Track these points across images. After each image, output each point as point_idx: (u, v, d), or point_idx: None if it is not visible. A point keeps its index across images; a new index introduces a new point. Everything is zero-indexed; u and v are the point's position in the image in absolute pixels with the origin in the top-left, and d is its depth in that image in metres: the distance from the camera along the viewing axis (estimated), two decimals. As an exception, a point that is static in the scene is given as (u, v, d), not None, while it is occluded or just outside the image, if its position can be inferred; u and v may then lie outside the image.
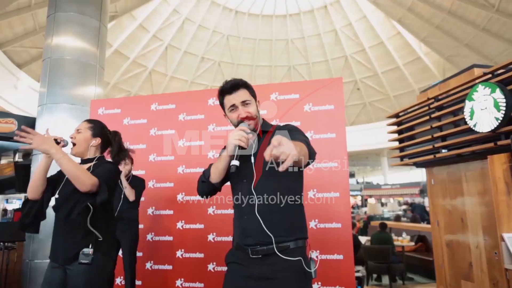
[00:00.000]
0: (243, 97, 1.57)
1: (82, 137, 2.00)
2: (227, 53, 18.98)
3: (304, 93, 3.53)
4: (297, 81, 3.90)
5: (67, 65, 4.66)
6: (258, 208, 1.49)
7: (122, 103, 4.13)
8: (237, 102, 1.56)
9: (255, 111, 1.59)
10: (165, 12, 16.76)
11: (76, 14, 4.72)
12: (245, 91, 1.59)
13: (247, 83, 1.64)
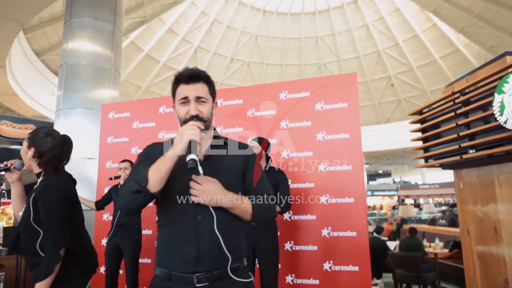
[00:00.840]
0: (200, 92, 1.34)
1: (22, 151, 1.92)
2: (256, 53, 18.87)
3: (315, 90, 3.29)
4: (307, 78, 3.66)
5: (82, 70, 4.69)
6: (218, 225, 1.29)
7: (131, 107, 4.08)
8: (191, 96, 1.33)
9: (209, 113, 1.36)
10: (193, 15, 16.91)
11: (90, 19, 4.75)
12: (204, 86, 1.36)
13: (209, 78, 1.41)
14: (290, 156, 3.28)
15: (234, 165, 1.40)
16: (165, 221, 1.35)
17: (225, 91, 3.70)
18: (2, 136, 4.57)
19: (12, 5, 6.44)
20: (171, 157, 1.24)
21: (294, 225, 3.23)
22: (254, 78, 19.44)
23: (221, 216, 1.30)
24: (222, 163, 1.39)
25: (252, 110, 3.47)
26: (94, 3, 4.76)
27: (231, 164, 1.40)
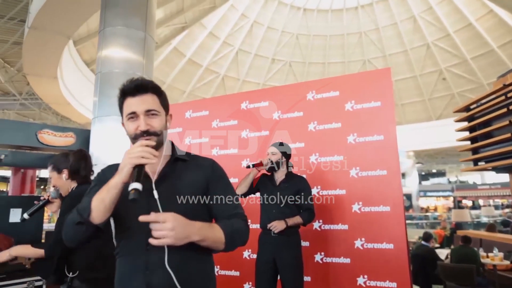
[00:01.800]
0: (149, 105, 1.20)
1: (54, 179, 2.06)
2: (297, 52, 18.60)
3: (344, 89, 3.03)
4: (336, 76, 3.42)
5: (115, 77, 4.77)
6: (169, 258, 1.10)
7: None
8: (139, 110, 1.19)
9: (161, 127, 1.21)
10: (233, 17, 16.99)
11: (122, 28, 4.82)
12: (153, 98, 1.22)
13: (159, 88, 1.27)
14: (319, 161, 3.05)
15: (195, 182, 1.26)
16: (118, 250, 1.23)
17: (250, 93, 3.55)
18: (44, 144, 4.78)
19: (57, 19, 6.80)
20: (115, 184, 1.09)
21: (324, 235, 2.99)
22: (296, 78, 19.16)
23: (175, 247, 1.08)
24: (181, 182, 1.24)
25: (279, 112, 3.28)
26: (125, 12, 4.83)
27: (191, 181, 1.25)
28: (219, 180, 1.31)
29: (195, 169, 1.29)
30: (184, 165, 1.29)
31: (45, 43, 7.61)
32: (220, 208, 1.27)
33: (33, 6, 7.02)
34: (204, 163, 1.33)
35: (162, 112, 1.24)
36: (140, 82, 1.23)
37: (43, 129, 4.85)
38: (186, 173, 1.27)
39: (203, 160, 1.35)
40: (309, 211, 2.61)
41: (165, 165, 1.27)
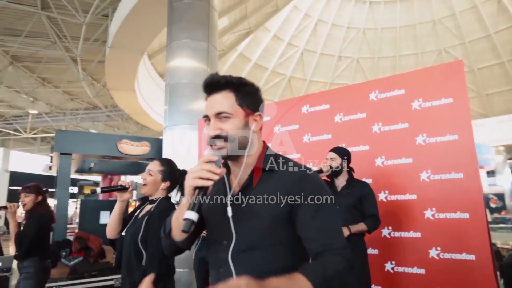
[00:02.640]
0: (219, 106, 1.04)
1: (152, 180, 2.05)
2: (365, 48, 17.86)
3: (410, 87, 2.83)
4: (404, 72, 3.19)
5: (183, 88, 5.03)
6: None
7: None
8: (210, 113, 1.05)
9: (236, 130, 1.03)
10: (296, 18, 16.90)
11: (187, 40, 5.07)
12: (227, 96, 1.05)
13: (236, 82, 1.06)
14: (385, 164, 2.89)
15: (275, 200, 1.03)
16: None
17: (310, 97, 3.49)
18: (123, 153, 5.21)
19: (131, 38, 7.40)
20: (182, 206, 1.02)
21: (395, 243, 2.82)
22: (365, 74, 18.41)
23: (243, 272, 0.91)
24: (260, 199, 1.04)
25: (340, 114, 3.18)
26: (189, 25, 5.06)
27: (271, 199, 1.03)
28: (309, 204, 1.01)
29: (278, 183, 1.04)
30: (269, 176, 1.06)
31: (123, 60, 8.31)
32: (307, 238, 1.00)
33: (111, 28, 7.72)
34: (289, 177, 1.05)
35: (237, 112, 1.05)
36: (210, 78, 1.09)
37: (122, 139, 5.30)
38: (268, 188, 1.05)
39: (291, 172, 1.06)
40: (373, 218, 2.48)
41: (248, 176, 1.08)
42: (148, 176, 2.05)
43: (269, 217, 1.02)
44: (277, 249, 1.02)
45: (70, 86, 13.98)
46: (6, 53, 11.02)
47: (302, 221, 1.00)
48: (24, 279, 3.01)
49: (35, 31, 9.61)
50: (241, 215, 1.04)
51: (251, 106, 1.08)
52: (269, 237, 1.02)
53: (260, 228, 1.02)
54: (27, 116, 16.78)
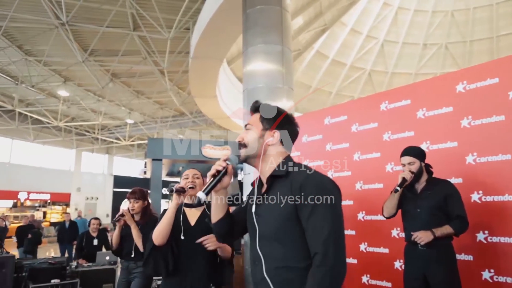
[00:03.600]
0: (248, 120, 1.45)
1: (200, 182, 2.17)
2: (454, 32, 16.30)
3: (506, 75, 2.54)
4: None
5: (260, 92, 5.16)
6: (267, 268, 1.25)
7: (301, 122, 4.19)
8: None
9: (251, 140, 1.37)
10: (374, 8, 16.11)
11: (261, 45, 5.20)
12: (256, 115, 1.44)
13: (262, 106, 1.44)
14: (477, 161, 2.62)
15: (283, 203, 1.27)
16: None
17: (390, 93, 3.32)
18: (207, 157, 5.54)
19: (211, 47, 7.81)
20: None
21: (493, 249, 2.54)
22: (456, 61, 16.81)
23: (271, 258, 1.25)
24: (274, 201, 1.30)
25: (423, 110, 2.97)
26: (263, 30, 5.18)
27: (280, 202, 1.28)
28: (307, 204, 1.22)
29: (287, 187, 1.28)
30: (281, 181, 1.32)
31: (204, 68, 8.83)
32: (310, 242, 1.21)
33: (193, 39, 8.25)
34: (294, 180, 1.27)
35: (256, 126, 1.41)
36: (252, 105, 1.49)
37: (205, 144, 5.65)
38: (280, 190, 1.29)
39: (297, 175, 1.29)
40: (461, 219, 2.26)
41: (267, 181, 1.36)
42: (196, 180, 2.15)
43: (279, 215, 1.25)
44: (290, 244, 1.23)
45: (159, 97, 15.27)
46: (107, 71, 12.48)
47: (302, 222, 1.21)
48: (138, 278, 3.23)
49: (129, 49, 10.72)
50: (261, 212, 1.32)
51: (270, 124, 1.40)
52: (281, 232, 1.24)
53: (273, 224, 1.26)
54: (125, 125, 18.72)
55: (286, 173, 1.31)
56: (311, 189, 1.22)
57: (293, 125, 1.44)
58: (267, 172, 1.37)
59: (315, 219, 1.18)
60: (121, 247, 3.34)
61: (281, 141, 1.39)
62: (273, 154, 1.38)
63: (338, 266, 1.13)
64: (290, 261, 1.21)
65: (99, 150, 23.24)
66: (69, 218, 9.74)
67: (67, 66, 11.95)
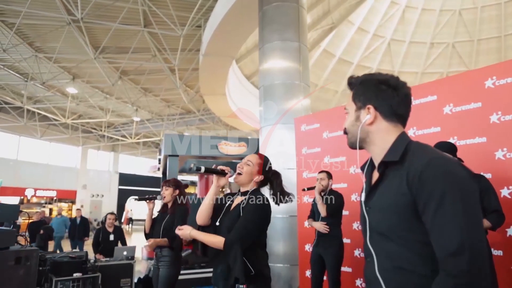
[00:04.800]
0: (346, 103, 1.23)
1: (249, 170, 2.04)
2: (461, 31, 16.26)
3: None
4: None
5: (276, 89, 5.19)
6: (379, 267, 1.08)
7: (321, 117, 4.22)
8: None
9: (349, 123, 1.18)
10: (382, 7, 16.08)
11: (278, 42, 5.22)
12: (350, 96, 1.21)
13: (356, 80, 1.20)
14: (508, 157, 2.64)
15: (397, 194, 1.09)
16: None
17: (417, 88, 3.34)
18: (223, 153, 5.57)
19: (223, 44, 7.83)
20: None
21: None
22: (463, 61, 16.77)
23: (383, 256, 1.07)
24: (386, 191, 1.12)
25: (450, 105, 2.99)
26: (280, 27, 5.20)
27: (395, 192, 1.09)
28: (430, 198, 0.96)
29: (402, 175, 1.04)
30: (395, 167, 1.08)
31: (215, 66, 8.85)
32: (436, 247, 0.95)
33: (204, 37, 8.28)
34: (412, 167, 1.02)
35: (351, 107, 1.19)
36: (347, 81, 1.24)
37: (221, 141, 5.68)
38: (393, 180, 1.07)
39: (415, 160, 1.03)
40: (497, 213, 2.28)
41: (378, 167, 1.14)
42: (245, 166, 2.06)
43: (392, 210, 1.05)
44: (406, 243, 1.03)
45: (167, 94, 15.30)
46: (116, 69, 12.53)
47: (424, 221, 0.98)
48: (164, 267, 3.28)
49: (139, 47, 10.76)
50: (372, 203, 1.13)
51: (362, 100, 1.16)
52: (395, 229, 1.04)
53: (385, 218, 1.07)
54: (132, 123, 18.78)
55: (401, 158, 1.06)
56: (434, 180, 0.97)
57: (394, 90, 1.13)
58: (378, 156, 1.14)
59: (441, 220, 0.93)
60: (150, 233, 3.40)
61: (384, 115, 1.14)
62: (379, 133, 1.14)
63: (477, 280, 0.89)
64: (405, 263, 1.02)
65: (105, 148, 23.35)
66: (80, 214, 9.81)
67: (77, 63, 12.01)
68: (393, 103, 1.12)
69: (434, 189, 0.95)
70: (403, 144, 1.09)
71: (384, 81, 1.15)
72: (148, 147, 24.39)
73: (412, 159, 1.03)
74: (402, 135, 1.13)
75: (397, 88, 1.13)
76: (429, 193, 0.95)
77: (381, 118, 1.13)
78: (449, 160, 1.01)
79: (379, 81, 1.15)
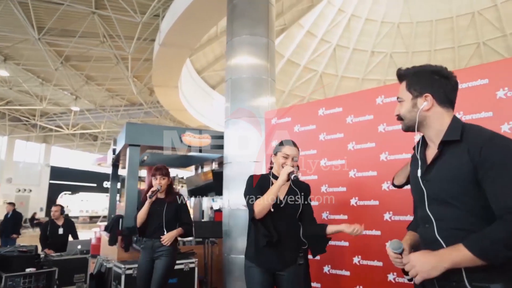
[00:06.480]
0: (398, 94, 1.43)
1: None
2: (399, 42, 17.62)
3: (495, 76, 2.91)
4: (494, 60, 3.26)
5: (244, 82, 5.22)
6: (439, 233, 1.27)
7: (292, 112, 4.35)
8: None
9: (406, 111, 1.39)
10: (330, 14, 16.86)
11: (248, 36, 5.26)
12: (401, 85, 1.42)
13: (405, 73, 1.40)
14: None
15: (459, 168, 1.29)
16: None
17: (380, 90, 3.60)
18: (187, 145, 5.48)
19: (184, 35, 7.67)
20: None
21: None
22: (398, 70, 18.19)
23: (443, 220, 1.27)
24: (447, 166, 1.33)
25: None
26: (250, 21, 5.26)
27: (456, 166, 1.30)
28: (491, 167, 1.18)
29: (463, 151, 1.25)
30: (455, 145, 1.28)
31: (171, 57, 8.64)
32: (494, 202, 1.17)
33: (163, 25, 8.03)
34: (472, 143, 1.23)
35: (406, 96, 1.39)
36: (397, 73, 1.45)
37: (185, 132, 5.58)
38: (454, 156, 1.27)
39: (474, 138, 1.24)
40: None
41: (438, 146, 1.33)
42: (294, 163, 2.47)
43: (455, 180, 1.25)
44: (467, 207, 1.22)
45: (112, 84, 14.54)
46: (58, 53, 11.61)
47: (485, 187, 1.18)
48: (164, 257, 3.19)
49: (87, 31, 10.08)
50: (431, 177, 1.32)
51: (419, 89, 1.36)
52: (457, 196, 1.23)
53: (448, 188, 1.26)
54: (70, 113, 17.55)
55: (461, 137, 1.27)
56: (494, 154, 1.19)
57: (446, 79, 1.35)
58: (434, 136, 1.36)
59: (502, 183, 1.15)
60: (147, 224, 3.25)
61: (439, 102, 1.34)
62: (435, 117, 1.35)
63: None
64: (465, 224, 1.22)
65: (36, 139, 21.48)
66: (11, 209, 8.96)
67: (12, 43, 10.91)
68: (446, 90, 1.34)
69: (494, 160, 1.17)
70: (459, 125, 1.31)
71: (437, 71, 1.36)
72: (85, 140, 22.92)
73: (471, 136, 1.25)
74: (455, 118, 1.35)
75: (448, 77, 1.35)
76: (490, 162, 1.17)
77: (436, 104, 1.34)
78: (504, 137, 1.24)
79: (432, 72, 1.36)
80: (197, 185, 7.59)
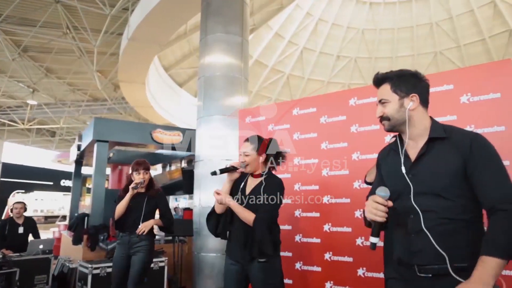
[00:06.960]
0: (380, 95, 1.49)
1: (251, 158, 2.35)
2: (363, 48, 18.25)
3: (459, 82, 3.12)
4: (449, 69, 3.48)
5: (218, 80, 5.21)
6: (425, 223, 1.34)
7: (266, 111, 4.40)
8: (377, 101, 1.51)
9: (392, 111, 1.46)
10: (298, 17, 17.16)
11: (222, 34, 5.26)
12: (385, 87, 1.49)
13: (391, 76, 1.48)
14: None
15: (449, 163, 1.39)
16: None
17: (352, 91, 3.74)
18: (157, 141, 5.38)
19: (154, 30, 7.52)
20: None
21: None
22: (362, 75, 18.82)
23: (430, 211, 1.34)
24: (435, 162, 1.42)
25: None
26: (224, 19, 5.26)
27: (445, 162, 1.40)
28: (479, 161, 1.32)
29: (450, 147, 1.38)
30: (440, 142, 1.40)
31: (140, 52, 8.43)
32: (484, 195, 1.30)
33: (132, 19, 7.82)
34: (459, 140, 1.36)
35: (391, 97, 1.47)
36: (375, 77, 1.53)
37: (156, 129, 5.47)
38: (442, 152, 1.39)
39: (460, 136, 1.38)
40: None
41: (423, 146, 1.43)
42: (245, 158, 2.35)
43: (446, 172, 1.35)
44: (456, 198, 1.33)
45: (74, 78, 13.93)
46: (15, 43, 10.95)
47: (472, 178, 1.31)
48: (140, 252, 3.14)
49: (49, 21, 9.60)
50: (417, 172, 1.40)
51: (405, 90, 1.46)
52: (448, 187, 1.33)
53: (438, 180, 1.35)
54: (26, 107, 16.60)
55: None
56: (483, 149, 1.34)
57: (424, 82, 1.49)
58: (417, 136, 1.45)
59: (492, 174, 1.30)
60: (125, 218, 3.17)
61: (422, 102, 1.46)
62: (418, 117, 1.46)
63: None
64: (452, 213, 1.31)
65: (-16, 133, 20.12)
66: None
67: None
68: (424, 91, 1.48)
69: (481, 155, 1.33)
70: (440, 125, 1.46)
71: (416, 75, 1.50)
72: (41, 136, 21.76)
73: (456, 135, 1.40)
74: (432, 118, 1.50)
75: (425, 80, 1.51)
76: (479, 157, 1.32)
77: (420, 104, 1.46)
78: (483, 136, 1.40)
79: (412, 75, 1.49)
80: (164, 184, 7.46)
